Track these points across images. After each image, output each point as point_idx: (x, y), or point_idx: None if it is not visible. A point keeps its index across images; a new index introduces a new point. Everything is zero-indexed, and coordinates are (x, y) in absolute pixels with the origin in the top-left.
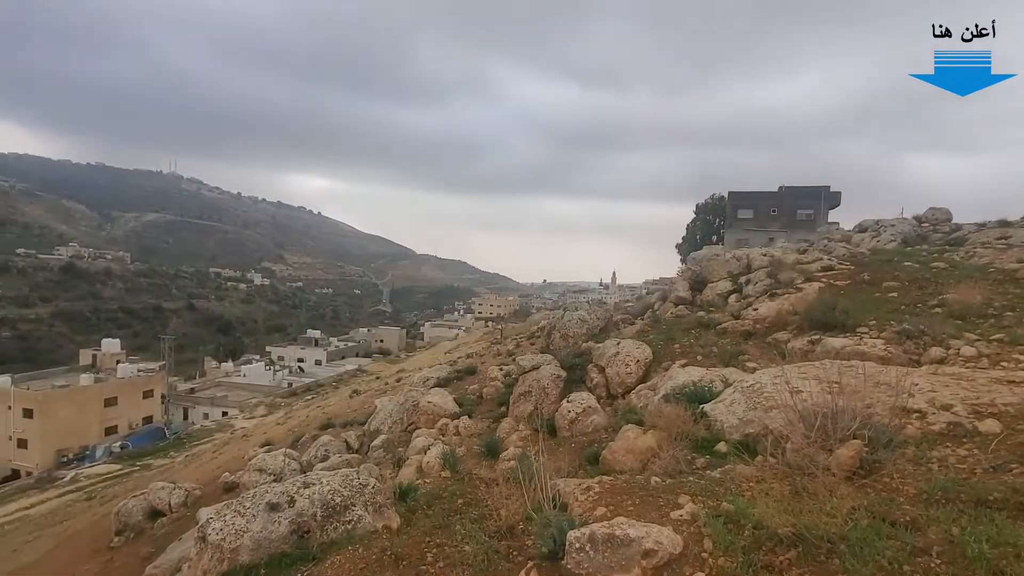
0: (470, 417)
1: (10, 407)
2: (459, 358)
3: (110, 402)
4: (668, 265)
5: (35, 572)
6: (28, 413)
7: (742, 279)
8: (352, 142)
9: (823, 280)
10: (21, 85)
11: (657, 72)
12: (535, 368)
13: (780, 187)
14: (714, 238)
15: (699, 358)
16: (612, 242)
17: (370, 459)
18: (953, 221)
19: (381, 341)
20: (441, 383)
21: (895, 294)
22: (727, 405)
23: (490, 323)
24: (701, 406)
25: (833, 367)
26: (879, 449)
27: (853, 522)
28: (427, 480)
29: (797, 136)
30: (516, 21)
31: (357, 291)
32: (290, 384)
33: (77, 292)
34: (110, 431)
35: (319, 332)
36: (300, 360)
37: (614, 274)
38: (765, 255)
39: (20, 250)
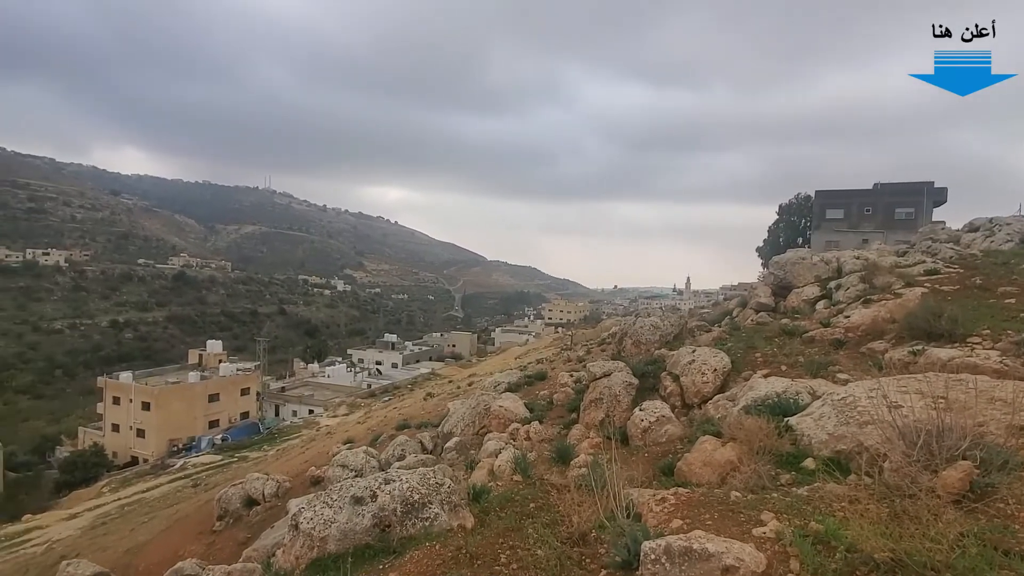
0: (541, 422)
1: (131, 400)
2: (529, 363)
3: (213, 398)
4: (747, 270)
5: (149, 550)
6: (146, 406)
7: (831, 284)
8: (427, 153)
9: (926, 285)
10: (142, 114)
11: (738, 67)
12: (606, 375)
13: (875, 184)
14: (799, 240)
15: (783, 368)
16: (687, 246)
17: (444, 460)
18: None
19: (453, 346)
20: (512, 388)
21: (1012, 300)
22: (815, 419)
23: (560, 329)
24: (786, 419)
25: (939, 380)
26: (992, 471)
27: (961, 549)
28: (499, 483)
29: (897, 128)
30: (587, 22)
31: (431, 297)
32: (369, 385)
33: (186, 298)
34: (213, 424)
35: (395, 336)
36: (378, 363)
37: (688, 279)
38: (858, 258)
39: (141, 260)
